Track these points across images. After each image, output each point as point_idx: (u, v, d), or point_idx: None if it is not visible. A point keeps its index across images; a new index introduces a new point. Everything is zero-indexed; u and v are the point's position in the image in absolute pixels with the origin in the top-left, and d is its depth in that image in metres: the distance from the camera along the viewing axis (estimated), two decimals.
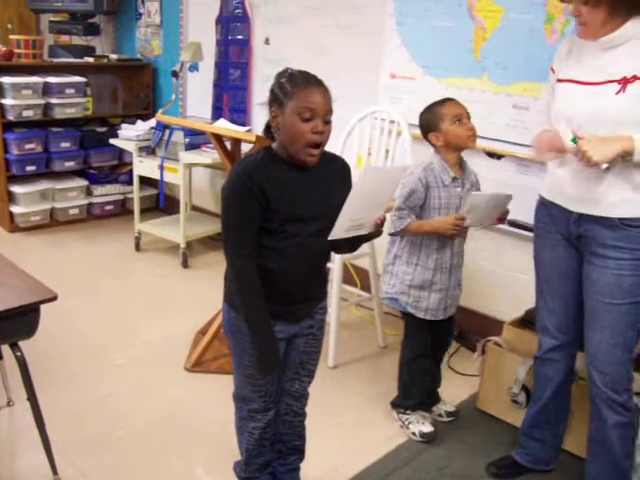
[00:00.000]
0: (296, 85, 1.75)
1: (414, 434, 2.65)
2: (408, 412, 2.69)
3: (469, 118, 2.44)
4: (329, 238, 1.80)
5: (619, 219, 2.02)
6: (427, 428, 2.65)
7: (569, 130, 1.96)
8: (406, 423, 2.69)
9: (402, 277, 2.55)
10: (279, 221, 1.81)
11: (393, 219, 2.46)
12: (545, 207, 2.26)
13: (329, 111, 1.78)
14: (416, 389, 2.68)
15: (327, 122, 1.78)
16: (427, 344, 2.63)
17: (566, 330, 2.29)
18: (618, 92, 1.96)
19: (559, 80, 2.16)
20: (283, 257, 1.85)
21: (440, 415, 2.79)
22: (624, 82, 1.95)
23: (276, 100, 1.78)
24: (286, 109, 1.75)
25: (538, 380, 2.43)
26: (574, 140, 1.94)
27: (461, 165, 2.51)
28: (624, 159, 1.93)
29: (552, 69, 2.24)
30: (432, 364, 2.69)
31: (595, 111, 2.00)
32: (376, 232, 1.94)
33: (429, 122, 2.46)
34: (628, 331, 2.09)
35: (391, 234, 2.51)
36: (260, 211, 1.79)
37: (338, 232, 1.80)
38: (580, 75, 2.07)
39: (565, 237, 2.20)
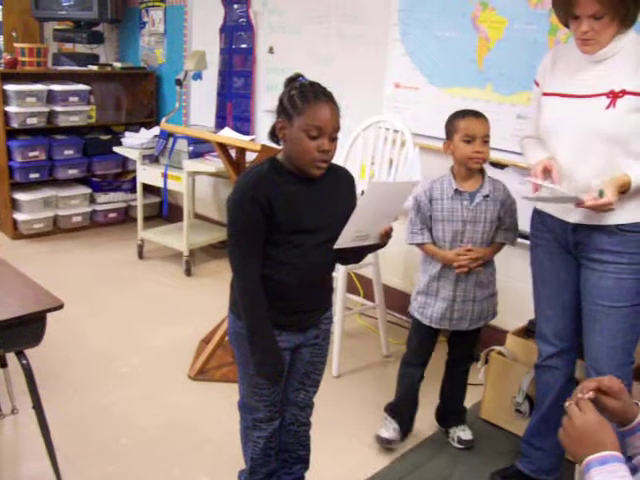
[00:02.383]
0: (306, 101, 1.74)
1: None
2: (389, 415, 2.69)
3: (486, 141, 2.38)
4: (334, 247, 1.81)
5: (615, 225, 2.04)
6: (385, 434, 2.65)
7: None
8: (381, 424, 2.70)
9: (416, 283, 2.61)
10: (285, 232, 1.82)
11: (407, 232, 2.52)
12: (540, 217, 2.27)
13: (336, 129, 1.78)
14: (399, 390, 2.68)
15: (333, 139, 1.78)
16: (421, 355, 2.62)
17: (564, 337, 2.30)
18: (608, 107, 1.98)
19: (545, 94, 2.17)
20: (288, 268, 1.86)
21: (453, 439, 2.72)
22: (613, 96, 1.97)
23: (284, 112, 1.79)
24: (294, 123, 1.76)
25: (539, 388, 2.44)
26: (602, 193, 1.94)
27: (482, 181, 2.46)
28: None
29: (536, 82, 2.26)
30: (415, 375, 2.64)
31: (586, 126, 2.02)
32: (381, 243, 1.94)
33: (447, 129, 2.45)
34: (627, 334, 2.12)
35: (408, 243, 2.56)
36: (266, 222, 1.79)
37: (343, 242, 1.81)
38: (567, 88, 2.09)
39: (562, 245, 2.21)
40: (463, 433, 2.71)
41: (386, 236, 1.92)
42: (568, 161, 2.07)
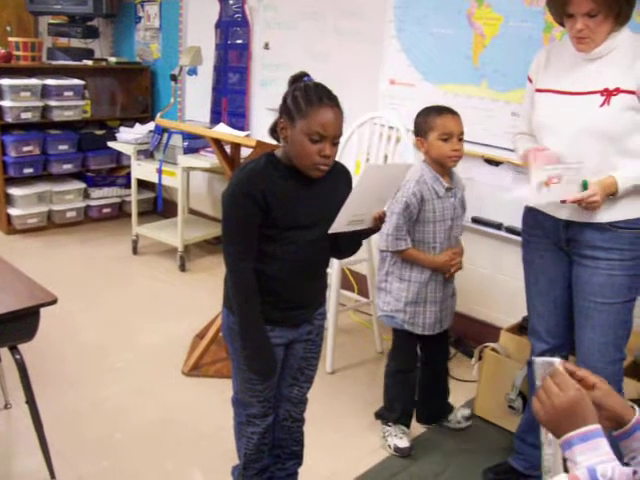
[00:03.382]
0: (310, 104, 1.72)
1: (389, 447, 2.63)
2: (389, 424, 2.67)
3: (460, 139, 2.37)
4: (329, 232, 1.79)
5: (608, 222, 2.05)
6: (403, 443, 2.61)
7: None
8: (385, 435, 2.67)
9: (397, 294, 2.51)
10: (280, 228, 1.82)
11: (389, 238, 2.43)
12: (532, 213, 2.27)
13: (339, 134, 1.77)
14: (398, 403, 2.66)
15: (335, 144, 1.78)
16: (415, 359, 2.63)
17: (556, 334, 2.31)
18: (602, 104, 1.98)
19: (538, 90, 2.18)
20: (283, 263, 1.86)
21: (459, 422, 2.76)
22: (607, 94, 1.98)
23: (287, 113, 1.77)
24: (296, 125, 1.74)
25: (531, 384, 2.45)
26: (586, 184, 1.95)
27: (450, 175, 2.47)
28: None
29: (529, 79, 2.26)
30: (416, 377, 2.67)
31: (580, 123, 2.02)
32: (375, 227, 1.94)
33: (420, 126, 2.42)
34: (619, 330, 2.13)
35: (382, 251, 2.50)
36: (261, 218, 1.79)
37: (338, 226, 1.80)
38: (561, 84, 2.09)
39: (553, 242, 2.21)
40: (461, 411, 2.77)
41: (379, 220, 1.91)
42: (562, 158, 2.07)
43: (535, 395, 1.29)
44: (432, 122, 2.37)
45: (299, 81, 1.80)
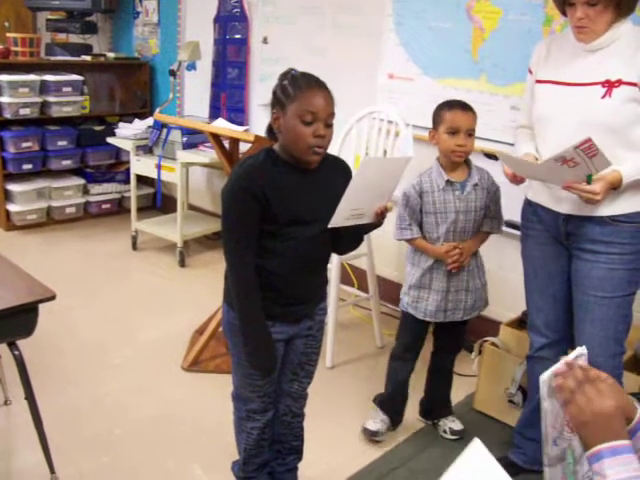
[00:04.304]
0: (298, 88, 1.74)
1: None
2: (377, 408, 2.70)
3: (470, 135, 2.36)
4: (329, 226, 1.80)
5: (608, 216, 2.05)
6: (372, 426, 2.65)
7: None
8: (368, 415, 2.71)
9: (407, 277, 2.57)
10: (280, 223, 1.81)
11: (395, 228, 2.49)
12: (532, 207, 2.27)
13: (331, 114, 1.77)
14: (389, 385, 2.68)
15: (329, 125, 1.77)
16: (413, 348, 2.62)
17: (555, 328, 2.31)
18: (604, 96, 1.97)
19: (538, 81, 2.17)
20: (283, 259, 1.86)
21: (445, 432, 2.72)
22: (609, 86, 1.97)
23: (278, 102, 1.78)
24: (287, 112, 1.75)
25: (531, 379, 2.45)
26: (590, 178, 1.93)
27: (469, 169, 2.45)
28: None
29: (530, 70, 2.25)
30: (410, 369, 2.65)
31: (582, 115, 2.01)
32: (376, 222, 1.94)
33: (433, 118, 2.43)
34: (619, 324, 2.13)
35: (397, 239, 2.53)
36: (261, 213, 1.79)
37: (338, 220, 1.81)
38: (561, 75, 2.08)
39: (553, 235, 2.21)
40: (453, 424, 2.72)
41: (381, 215, 1.92)
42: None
43: (571, 401, 1.26)
44: (442, 115, 2.38)
45: (287, 75, 1.81)
